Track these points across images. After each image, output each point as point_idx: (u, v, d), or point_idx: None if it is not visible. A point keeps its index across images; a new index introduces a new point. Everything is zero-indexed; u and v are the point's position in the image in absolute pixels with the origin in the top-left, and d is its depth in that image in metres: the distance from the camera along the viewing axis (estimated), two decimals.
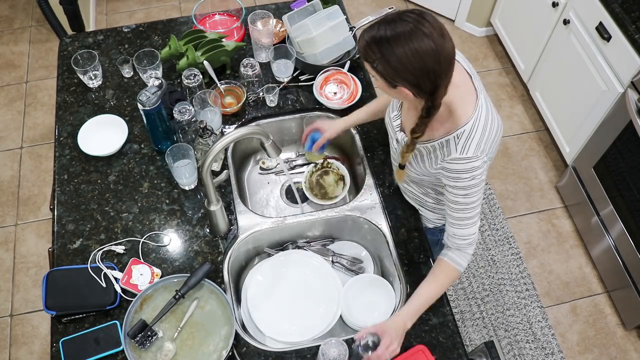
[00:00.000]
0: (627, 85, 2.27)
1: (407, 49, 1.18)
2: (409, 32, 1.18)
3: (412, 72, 1.21)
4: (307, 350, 1.50)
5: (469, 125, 1.34)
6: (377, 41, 1.21)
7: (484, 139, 1.34)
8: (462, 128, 1.34)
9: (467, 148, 1.34)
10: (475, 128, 1.34)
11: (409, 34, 1.18)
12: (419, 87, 1.24)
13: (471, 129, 1.34)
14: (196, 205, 1.74)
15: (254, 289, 1.68)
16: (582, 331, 2.54)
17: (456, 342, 1.52)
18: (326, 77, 1.95)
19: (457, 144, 1.35)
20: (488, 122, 1.36)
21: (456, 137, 1.35)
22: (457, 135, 1.35)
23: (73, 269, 1.59)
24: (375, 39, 1.22)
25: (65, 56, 2.07)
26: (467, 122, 1.34)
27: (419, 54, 1.18)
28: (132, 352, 1.45)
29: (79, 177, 1.79)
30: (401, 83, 1.24)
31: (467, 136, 1.34)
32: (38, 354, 2.44)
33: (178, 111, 1.72)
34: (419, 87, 1.24)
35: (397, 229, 1.71)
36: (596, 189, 2.56)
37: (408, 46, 1.18)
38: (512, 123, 3.19)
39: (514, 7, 3.12)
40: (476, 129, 1.34)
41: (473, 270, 2.66)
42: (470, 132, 1.34)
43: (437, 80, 1.23)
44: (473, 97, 1.36)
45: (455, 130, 1.35)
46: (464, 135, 1.34)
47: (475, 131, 1.34)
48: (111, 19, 3.68)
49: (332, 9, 1.94)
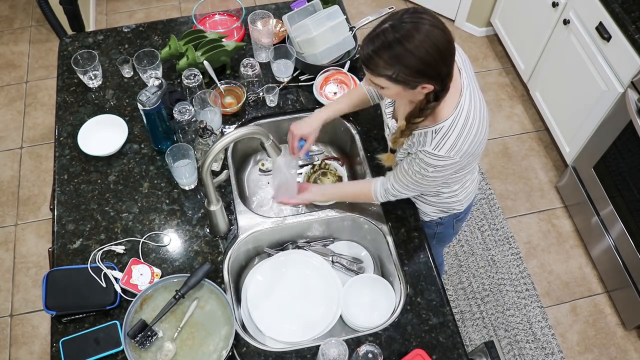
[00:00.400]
0: (627, 85, 2.27)
1: (421, 41, 1.18)
2: (415, 28, 1.19)
3: (432, 64, 1.21)
4: (307, 350, 1.50)
5: (448, 122, 1.35)
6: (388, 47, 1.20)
7: (460, 139, 1.35)
8: (442, 124, 1.36)
9: (442, 146, 1.36)
10: (453, 126, 1.35)
11: (416, 29, 1.19)
12: (439, 76, 1.25)
13: (450, 126, 1.35)
14: (196, 205, 1.74)
15: (254, 289, 1.68)
16: (582, 331, 2.54)
17: (456, 342, 1.52)
18: (326, 77, 1.95)
19: (434, 138, 1.37)
20: (469, 120, 1.36)
21: (434, 132, 1.37)
22: (435, 129, 1.37)
23: (73, 269, 1.59)
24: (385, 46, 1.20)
25: (65, 56, 2.07)
26: (447, 118, 1.35)
27: (434, 44, 1.19)
28: (132, 352, 1.45)
29: (79, 177, 1.79)
30: (424, 80, 1.24)
31: (445, 133, 1.35)
32: (38, 354, 2.44)
33: (178, 111, 1.72)
34: (438, 77, 1.25)
35: (397, 229, 1.71)
36: (596, 189, 2.56)
37: (421, 38, 1.18)
38: (512, 123, 3.19)
39: (514, 7, 3.12)
40: (454, 127, 1.35)
41: (473, 270, 2.66)
42: (447, 130, 1.35)
43: (451, 63, 1.25)
44: (457, 94, 1.37)
45: (435, 124, 1.36)
46: (441, 131, 1.36)
47: (453, 129, 1.35)
48: (111, 19, 3.68)
49: (332, 9, 1.94)
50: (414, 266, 1.64)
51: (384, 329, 1.53)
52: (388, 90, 1.30)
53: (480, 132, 1.39)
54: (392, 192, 1.57)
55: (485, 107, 1.44)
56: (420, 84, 1.26)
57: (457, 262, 2.68)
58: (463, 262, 2.68)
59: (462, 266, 2.67)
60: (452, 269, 2.66)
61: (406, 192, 1.55)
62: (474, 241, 2.75)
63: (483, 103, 1.44)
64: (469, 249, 2.73)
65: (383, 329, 1.53)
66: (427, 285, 1.60)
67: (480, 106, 1.42)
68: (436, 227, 1.81)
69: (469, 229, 2.78)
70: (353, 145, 1.94)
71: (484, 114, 1.42)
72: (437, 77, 1.25)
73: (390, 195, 1.60)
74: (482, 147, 1.45)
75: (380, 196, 1.62)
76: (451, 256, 2.70)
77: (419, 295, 1.59)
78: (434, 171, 1.41)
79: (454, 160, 1.37)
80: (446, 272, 2.64)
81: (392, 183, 1.55)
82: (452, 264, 2.68)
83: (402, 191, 1.55)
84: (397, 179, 1.53)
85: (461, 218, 1.81)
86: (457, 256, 2.70)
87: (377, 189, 1.61)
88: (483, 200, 2.87)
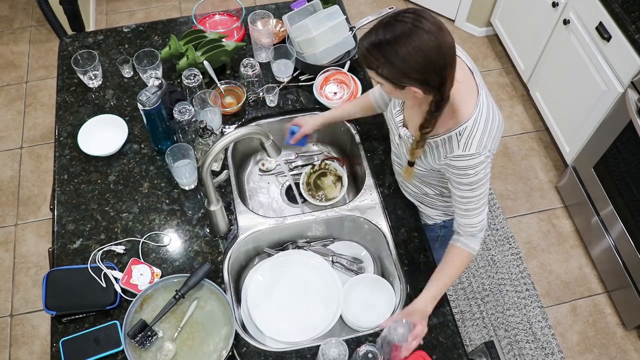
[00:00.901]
0: (627, 85, 2.27)
1: (410, 48, 1.18)
2: (408, 32, 1.18)
3: (419, 69, 1.21)
4: (307, 350, 1.50)
5: (471, 122, 1.34)
6: (377, 46, 1.21)
7: (485, 135, 1.35)
8: (464, 125, 1.35)
9: (470, 145, 1.35)
10: (477, 124, 1.35)
11: (409, 33, 1.18)
12: (428, 84, 1.24)
13: (473, 125, 1.34)
14: (196, 205, 1.74)
15: (254, 289, 1.68)
16: (582, 331, 2.54)
17: (456, 342, 1.52)
18: (326, 77, 1.95)
19: (460, 140, 1.36)
20: (489, 118, 1.37)
21: (458, 134, 1.36)
22: (459, 132, 1.35)
23: (73, 269, 1.59)
24: (375, 44, 1.21)
25: (65, 56, 2.07)
26: (469, 118, 1.35)
27: (422, 51, 1.18)
28: (132, 352, 1.45)
29: (79, 177, 1.79)
30: (409, 83, 1.24)
31: (469, 133, 1.35)
32: (38, 354, 2.44)
33: (178, 111, 1.72)
34: (427, 84, 1.24)
35: (397, 229, 1.71)
36: (596, 189, 2.56)
37: (411, 45, 1.18)
38: (512, 123, 3.19)
39: (514, 7, 3.12)
40: (478, 125, 1.35)
41: (473, 270, 2.66)
42: (472, 129, 1.34)
43: (444, 74, 1.23)
44: (474, 93, 1.37)
45: (457, 127, 1.35)
46: (465, 131, 1.35)
47: (477, 127, 1.34)
48: (111, 19, 3.68)
49: (332, 9, 1.94)
50: (414, 266, 1.64)
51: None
52: (384, 87, 1.32)
53: (500, 127, 1.40)
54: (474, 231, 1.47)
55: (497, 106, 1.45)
56: (407, 86, 1.25)
57: None
58: None
59: None
60: None
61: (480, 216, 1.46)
62: None
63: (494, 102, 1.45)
64: None
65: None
66: None
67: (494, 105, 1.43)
68: (440, 230, 1.80)
69: None
70: (353, 145, 1.94)
71: (499, 112, 1.43)
72: (426, 84, 1.24)
73: (479, 236, 1.49)
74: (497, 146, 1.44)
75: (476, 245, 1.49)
76: None
77: (419, 295, 1.58)
78: (474, 173, 1.37)
79: (485, 155, 1.36)
80: None
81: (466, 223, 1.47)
82: None
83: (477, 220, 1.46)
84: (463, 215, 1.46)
85: None
86: None
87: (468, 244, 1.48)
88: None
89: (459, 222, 1.48)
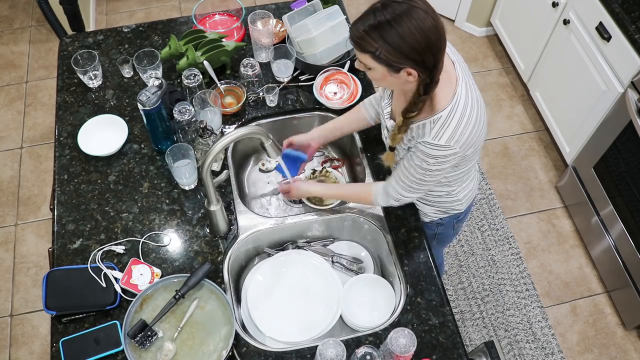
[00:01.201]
0: (627, 85, 2.27)
1: (410, 26, 1.19)
2: (407, 11, 1.20)
3: (417, 48, 1.22)
4: (307, 350, 1.50)
5: (446, 112, 1.35)
6: (376, 27, 1.22)
7: (459, 128, 1.36)
8: (439, 114, 1.36)
9: (441, 135, 1.36)
10: (452, 115, 1.35)
11: (407, 12, 1.20)
12: (424, 64, 1.25)
13: (448, 115, 1.35)
14: (196, 205, 1.74)
15: (254, 289, 1.68)
16: (582, 331, 2.54)
17: (456, 342, 1.52)
18: (326, 77, 1.95)
19: (432, 128, 1.37)
20: (466, 111, 1.37)
21: (432, 122, 1.37)
22: (433, 120, 1.37)
23: (73, 269, 1.59)
24: (374, 25, 1.22)
25: (65, 56, 2.07)
26: (444, 108, 1.36)
27: (422, 30, 1.20)
28: (132, 352, 1.45)
29: (79, 177, 1.79)
30: (406, 63, 1.25)
31: (443, 123, 1.36)
32: (38, 354, 2.44)
33: (178, 111, 1.72)
34: (423, 64, 1.25)
35: (397, 229, 1.71)
36: (596, 189, 2.56)
37: (411, 23, 1.19)
38: (512, 123, 3.19)
39: (514, 7, 3.12)
40: (452, 117, 1.35)
41: (473, 270, 2.66)
42: (446, 119, 1.35)
43: (438, 55, 1.25)
44: (453, 85, 1.38)
45: (432, 115, 1.37)
46: (440, 121, 1.36)
47: (451, 119, 1.35)
48: (111, 19, 3.68)
49: (332, 9, 1.94)
50: (414, 266, 1.64)
51: (384, 329, 1.53)
52: (373, 73, 1.32)
53: (479, 122, 1.40)
54: (393, 195, 1.55)
55: (482, 100, 1.45)
56: (404, 68, 1.26)
57: (457, 262, 2.68)
58: (463, 262, 2.68)
59: (462, 266, 2.67)
60: (452, 269, 2.66)
61: (408, 193, 1.53)
62: (474, 241, 2.75)
63: (480, 96, 1.44)
64: (469, 249, 2.72)
65: (383, 329, 1.53)
66: (427, 285, 1.60)
67: (477, 98, 1.42)
68: (437, 228, 1.81)
69: (469, 229, 2.78)
70: (353, 145, 1.94)
71: (482, 106, 1.43)
72: (422, 64, 1.25)
73: (391, 199, 1.57)
74: (481, 140, 1.45)
75: (381, 200, 1.60)
76: (451, 256, 2.70)
77: (419, 295, 1.59)
78: (435, 162, 1.39)
79: (454, 150, 1.37)
80: (446, 272, 2.64)
81: (394, 185, 1.54)
82: (452, 264, 2.68)
83: (403, 193, 1.53)
84: (398, 180, 1.52)
85: (461, 219, 1.81)
86: (457, 256, 2.70)
87: (379, 191, 1.60)
88: (483, 200, 2.87)
89: (390, 180, 1.55)
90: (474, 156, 1.50)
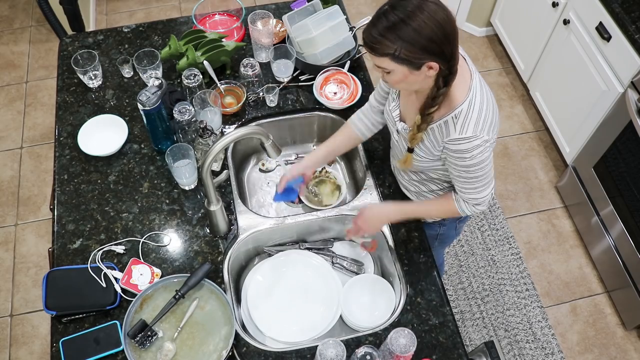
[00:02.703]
0: (627, 85, 2.27)
1: (423, 18, 1.20)
2: (418, 6, 1.21)
3: (435, 40, 1.22)
4: (307, 350, 1.50)
5: (466, 105, 1.36)
6: (391, 28, 1.22)
7: (481, 118, 1.36)
8: (459, 108, 1.36)
9: (466, 127, 1.35)
10: (472, 107, 1.36)
11: (419, 7, 1.21)
12: (443, 55, 1.25)
13: (468, 108, 1.36)
14: (196, 205, 1.74)
15: (254, 289, 1.68)
16: (582, 331, 2.54)
17: (456, 342, 1.52)
18: (326, 77, 1.95)
19: (456, 124, 1.36)
20: (484, 102, 1.38)
21: (454, 117, 1.37)
22: (455, 115, 1.36)
23: (73, 269, 1.59)
24: (388, 27, 1.22)
25: (65, 56, 2.07)
26: (463, 101, 1.36)
27: (437, 20, 1.21)
28: (132, 352, 1.45)
29: (79, 177, 1.79)
30: (427, 57, 1.24)
31: (465, 116, 1.36)
32: (38, 354, 2.44)
33: (178, 111, 1.72)
34: (442, 55, 1.25)
35: (397, 229, 1.71)
36: (596, 189, 2.56)
37: (424, 15, 1.20)
38: (512, 123, 3.19)
39: (514, 7, 3.12)
40: (473, 108, 1.36)
41: (473, 270, 2.66)
42: (467, 112, 1.36)
43: (455, 44, 1.26)
44: (468, 78, 1.38)
45: (453, 110, 1.36)
46: (462, 114, 1.36)
47: (472, 110, 1.36)
48: (111, 19, 3.68)
49: (332, 9, 1.94)
50: (414, 266, 1.64)
51: (384, 329, 1.53)
52: (393, 75, 1.30)
53: (495, 114, 1.41)
54: (472, 202, 1.51)
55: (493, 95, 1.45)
56: (425, 62, 1.25)
57: (457, 262, 2.68)
58: (463, 262, 2.68)
59: (462, 266, 2.67)
60: (452, 269, 2.66)
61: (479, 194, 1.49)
62: (474, 241, 2.75)
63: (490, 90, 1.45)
64: (469, 249, 2.73)
65: (383, 329, 1.53)
66: (427, 285, 1.60)
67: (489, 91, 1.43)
68: (439, 228, 1.80)
69: (469, 229, 2.78)
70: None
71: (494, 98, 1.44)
72: (442, 56, 1.25)
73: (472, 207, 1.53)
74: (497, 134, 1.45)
75: (467, 210, 1.54)
76: (451, 256, 2.70)
77: (419, 295, 1.59)
78: (472, 156, 1.37)
79: (483, 137, 1.36)
80: (446, 272, 2.64)
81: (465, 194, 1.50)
82: (452, 264, 2.68)
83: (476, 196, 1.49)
84: (463, 189, 1.49)
85: (463, 219, 1.81)
86: (457, 256, 2.70)
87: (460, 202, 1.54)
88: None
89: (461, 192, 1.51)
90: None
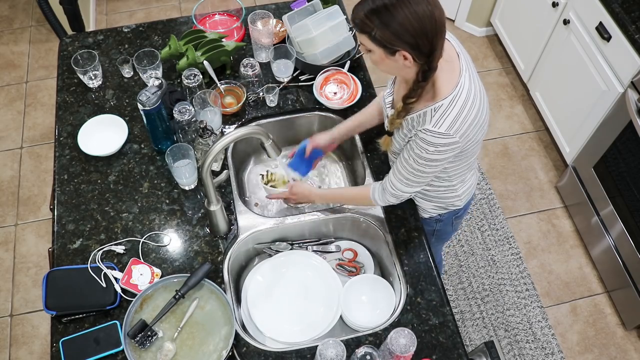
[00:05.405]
0: (627, 85, 2.27)
1: (407, 12, 1.24)
2: None
3: (412, 33, 1.26)
4: (307, 350, 1.50)
5: (447, 101, 1.37)
6: (376, 11, 1.26)
7: (460, 118, 1.37)
8: (441, 102, 1.38)
9: (441, 123, 1.37)
10: (453, 104, 1.37)
11: None
12: (418, 49, 1.29)
13: (449, 104, 1.37)
14: (196, 205, 1.74)
15: (254, 289, 1.68)
16: (582, 331, 2.54)
17: (456, 342, 1.52)
18: (326, 77, 1.95)
19: (433, 116, 1.39)
20: (468, 102, 1.38)
21: (433, 110, 1.39)
22: (434, 108, 1.38)
23: (73, 269, 1.59)
24: (374, 10, 1.27)
25: (65, 56, 2.07)
26: (446, 96, 1.37)
27: (418, 15, 1.25)
28: (132, 352, 1.45)
29: (79, 177, 1.79)
30: (401, 46, 1.29)
31: (444, 111, 1.37)
32: (38, 354, 2.44)
33: (178, 111, 1.72)
34: (418, 49, 1.29)
35: (397, 229, 1.71)
36: (596, 189, 2.56)
37: (408, 9, 1.24)
38: (512, 123, 3.19)
39: (514, 7, 3.12)
40: (454, 105, 1.37)
41: (473, 270, 2.66)
42: (447, 108, 1.37)
43: (434, 41, 1.29)
44: (457, 75, 1.40)
45: (434, 103, 1.39)
46: (441, 109, 1.38)
47: (452, 107, 1.37)
48: (111, 19, 3.68)
49: (332, 9, 1.94)
50: (414, 266, 1.64)
51: (384, 329, 1.53)
52: (372, 55, 1.36)
53: (480, 114, 1.41)
54: (390, 190, 1.55)
55: (485, 96, 1.46)
56: (398, 50, 1.29)
57: (457, 262, 2.68)
58: (463, 262, 2.68)
59: (462, 266, 2.67)
60: (452, 269, 2.66)
61: (405, 187, 1.53)
62: (474, 241, 2.75)
63: (483, 92, 1.46)
64: (469, 249, 2.73)
65: (383, 329, 1.53)
66: (427, 285, 1.60)
67: (481, 91, 1.44)
68: (435, 224, 1.81)
69: (469, 229, 2.78)
70: (353, 145, 1.94)
71: (484, 100, 1.45)
72: (417, 49, 1.29)
73: (388, 195, 1.57)
74: (482, 134, 1.46)
75: (379, 197, 1.60)
76: (451, 256, 2.70)
77: (419, 295, 1.59)
78: (434, 151, 1.40)
79: (454, 139, 1.37)
80: (446, 272, 2.64)
81: (391, 180, 1.54)
82: (452, 264, 2.68)
83: (400, 187, 1.53)
84: (395, 173, 1.52)
85: (460, 215, 1.81)
86: (457, 256, 2.70)
87: (375, 188, 1.61)
88: (483, 200, 2.87)
89: (389, 175, 1.56)
90: (474, 150, 1.51)
